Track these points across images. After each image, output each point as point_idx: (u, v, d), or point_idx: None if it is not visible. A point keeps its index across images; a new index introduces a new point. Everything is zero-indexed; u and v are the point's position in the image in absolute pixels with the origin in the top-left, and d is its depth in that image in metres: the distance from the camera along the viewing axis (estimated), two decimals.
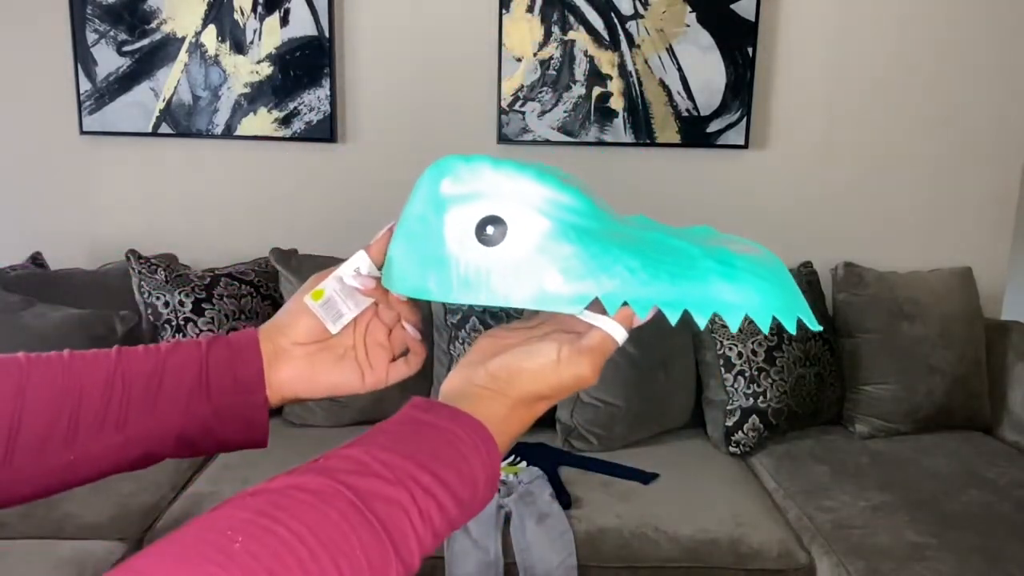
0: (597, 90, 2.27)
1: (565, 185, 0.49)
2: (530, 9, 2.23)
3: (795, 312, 0.48)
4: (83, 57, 2.26)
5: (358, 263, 0.54)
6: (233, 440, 0.51)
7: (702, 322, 0.47)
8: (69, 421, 0.46)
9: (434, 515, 0.38)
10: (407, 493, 0.37)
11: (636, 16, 2.24)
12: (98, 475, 0.48)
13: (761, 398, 1.99)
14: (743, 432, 1.99)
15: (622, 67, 2.26)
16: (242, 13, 2.24)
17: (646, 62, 2.26)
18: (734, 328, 0.48)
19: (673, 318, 0.47)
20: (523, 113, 2.28)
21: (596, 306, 0.49)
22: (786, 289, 0.49)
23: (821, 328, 0.51)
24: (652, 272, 0.48)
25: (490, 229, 0.47)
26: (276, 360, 0.52)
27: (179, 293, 2.03)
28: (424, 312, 2.09)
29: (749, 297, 0.47)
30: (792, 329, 0.48)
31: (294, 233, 2.35)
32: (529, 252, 0.47)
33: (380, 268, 0.54)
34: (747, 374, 2.01)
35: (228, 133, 2.30)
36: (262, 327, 0.53)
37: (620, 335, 0.50)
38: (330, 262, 2.11)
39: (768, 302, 0.47)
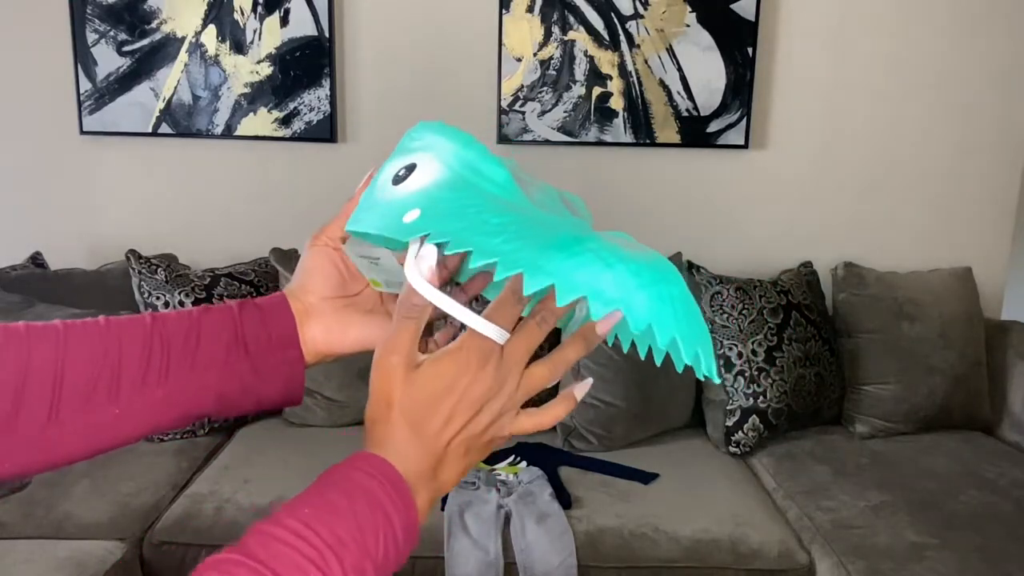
0: (597, 90, 2.27)
1: (491, 157, 0.48)
2: (530, 9, 2.23)
3: (683, 336, 0.40)
4: (83, 57, 2.26)
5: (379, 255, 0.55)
6: (271, 397, 0.52)
7: (563, 298, 0.38)
8: (111, 377, 0.47)
9: (325, 535, 0.38)
10: (281, 528, 0.38)
11: (636, 16, 2.24)
12: (143, 432, 0.49)
13: (761, 398, 1.99)
14: (743, 432, 1.99)
15: (622, 67, 2.26)
16: (242, 13, 2.24)
17: (646, 62, 2.26)
18: (596, 315, 0.39)
19: (501, 273, 0.40)
20: (523, 113, 2.29)
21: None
22: (683, 312, 0.41)
23: (719, 379, 0.44)
24: (505, 229, 0.42)
25: (402, 172, 0.49)
26: (306, 318, 0.53)
27: (179, 293, 2.03)
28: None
29: (632, 295, 0.39)
30: (662, 343, 0.40)
31: (294, 233, 2.35)
32: (413, 191, 0.48)
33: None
34: (747, 374, 2.01)
35: (228, 133, 2.30)
36: (286, 289, 0.55)
37: (413, 277, 0.44)
38: None
39: (657, 311, 0.39)
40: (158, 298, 2.02)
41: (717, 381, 0.43)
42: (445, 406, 0.44)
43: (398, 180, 0.48)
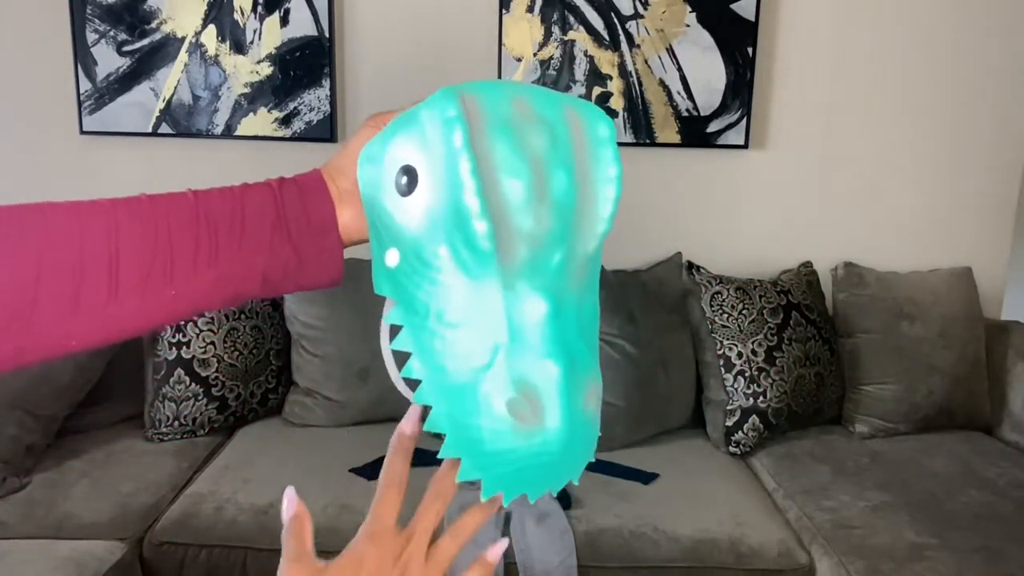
0: (597, 90, 2.27)
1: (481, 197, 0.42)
2: (530, 9, 2.23)
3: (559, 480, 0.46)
4: (83, 57, 2.26)
5: None
6: (312, 281, 0.53)
7: (444, 451, 0.43)
8: (164, 261, 0.47)
9: None
10: None
11: (636, 16, 2.24)
12: (197, 310, 0.50)
13: (761, 398, 1.99)
14: (743, 432, 1.99)
15: (622, 67, 2.26)
16: (242, 13, 2.24)
17: (646, 62, 2.26)
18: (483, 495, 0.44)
19: (417, 399, 0.44)
20: None
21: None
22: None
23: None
24: (446, 344, 0.43)
25: (404, 180, 0.46)
26: (339, 203, 0.52)
27: None
28: None
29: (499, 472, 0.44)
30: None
31: None
32: (403, 226, 0.46)
33: None
34: (747, 374, 2.01)
35: (228, 133, 2.30)
36: (323, 168, 0.54)
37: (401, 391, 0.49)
38: None
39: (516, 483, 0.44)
40: None
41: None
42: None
43: (401, 189, 0.46)
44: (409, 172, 0.45)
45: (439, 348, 0.43)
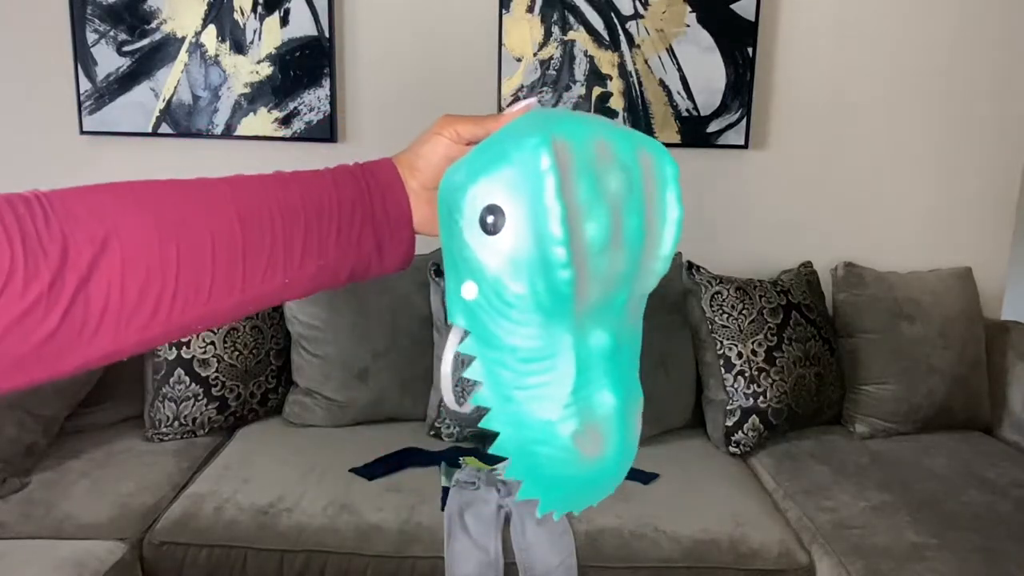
0: (597, 90, 2.27)
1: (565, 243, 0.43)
2: (530, 9, 2.23)
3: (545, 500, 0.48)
4: (83, 57, 2.26)
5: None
6: (385, 271, 0.56)
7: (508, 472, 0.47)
8: (280, 258, 0.50)
9: None
10: None
11: (636, 16, 2.24)
12: (296, 297, 0.53)
13: (761, 398, 1.99)
14: (743, 432, 1.99)
15: (622, 67, 2.26)
16: (242, 13, 2.24)
17: (646, 62, 2.26)
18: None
19: (485, 423, 0.47)
20: None
21: None
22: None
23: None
24: (501, 382, 0.47)
25: (490, 219, 0.45)
26: (412, 200, 0.55)
27: None
28: (423, 312, 2.09)
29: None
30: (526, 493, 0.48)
31: None
32: (486, 263, 0.46)
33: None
34: (747, 374, 2.01)
35: (228, 133, 2.30)
36: (396, 160, 0.56)
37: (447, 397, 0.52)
38: None
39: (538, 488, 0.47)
40: None
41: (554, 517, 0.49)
42: None
43: (487, 228, 0.45)
44: (495, 212, 0.45)
45: (510, 380, 0.46)
